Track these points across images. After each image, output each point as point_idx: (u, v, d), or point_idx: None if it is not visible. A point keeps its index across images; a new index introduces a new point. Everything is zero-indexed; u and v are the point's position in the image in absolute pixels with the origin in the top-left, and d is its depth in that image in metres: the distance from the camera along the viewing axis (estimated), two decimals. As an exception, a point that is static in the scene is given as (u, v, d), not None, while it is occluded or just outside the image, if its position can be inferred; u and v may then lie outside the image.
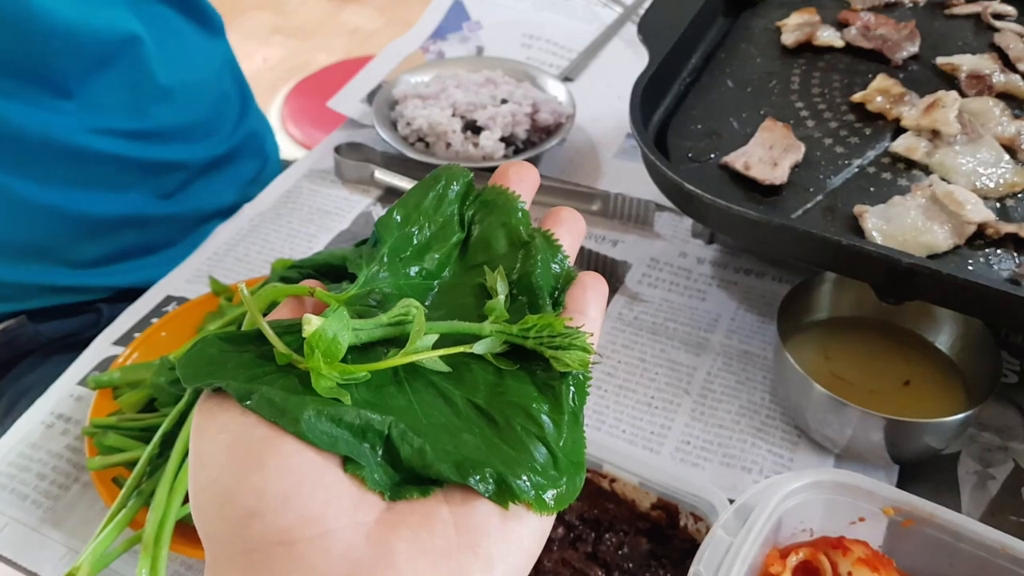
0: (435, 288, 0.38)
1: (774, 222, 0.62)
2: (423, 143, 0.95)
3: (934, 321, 0.71)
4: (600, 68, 1.12)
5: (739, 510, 0.53)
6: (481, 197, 0.40)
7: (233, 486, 0.29)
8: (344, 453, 0.30)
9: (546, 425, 0.32)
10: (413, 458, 0.30)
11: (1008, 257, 0.63)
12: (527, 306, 0.36)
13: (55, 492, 0.67)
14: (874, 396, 0.67)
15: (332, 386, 0.31)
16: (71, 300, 0.93)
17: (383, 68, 1.11)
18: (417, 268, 0.38)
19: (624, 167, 0.96)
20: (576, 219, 0.41)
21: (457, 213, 0.39)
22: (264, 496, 0.28)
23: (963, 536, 0.53)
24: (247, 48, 2.82)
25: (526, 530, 0.30)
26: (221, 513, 0.29)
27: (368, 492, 0.30)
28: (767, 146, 0.71)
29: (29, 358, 0.92)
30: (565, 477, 0.31)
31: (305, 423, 0.30)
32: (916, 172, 0.69)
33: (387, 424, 0.31)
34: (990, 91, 0.75)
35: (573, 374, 0.34)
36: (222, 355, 0.33)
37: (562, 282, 0.38)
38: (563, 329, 0.34)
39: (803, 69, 0.81)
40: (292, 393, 0.31)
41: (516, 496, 0.30)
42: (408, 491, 0.30)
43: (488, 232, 0.39)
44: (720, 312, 0.79)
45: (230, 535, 0.28)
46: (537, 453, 0.31)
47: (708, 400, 0.72)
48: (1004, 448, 0.68)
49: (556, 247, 0.38)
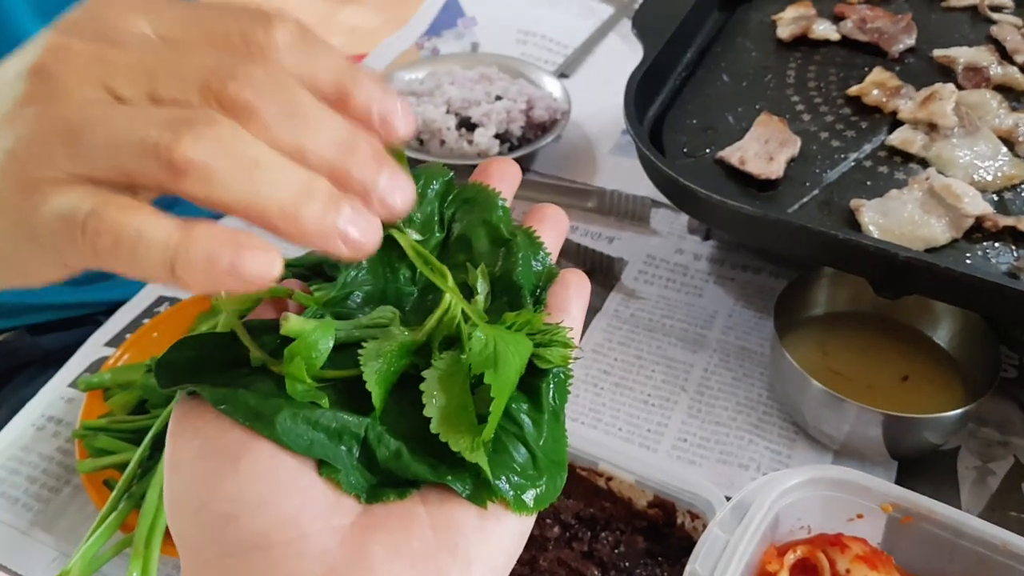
0: (415, 291, 0.37)
1: (770, 217, 0.62)
2: (418, 140, 0.94)
3: (932, 316, 0.70)
4: (596, 64, 1.12)
5: (736, 507, 0.53)
6: (461, 194, 0.39)
7: (208, 491, 0.28)
8: (320, 456, 0.29)
9: (525, 424, 0.32)
10: (390, 460, 0.30)
11: (1006, 250, 0.62)
12: (508, 304, 0.35)
13: (45, 495, 0.66)
14: (872, 392, 0.66)
15: (307, 390, 0.31)
16: (70, 315, 0.92)
17: (377, 65, 1.10)
18: (397, 269, 0.37)
19: (620, 163, 0.95)
20: (559, 216, 0.40)
21: (437, 212, 0.39)
22: (239, 501, 0.28)
23: (962, 532, 0.52)
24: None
25: (505, 530, 0.30)
26: (196, 518, 0.28)
27: (344, 495, 0.29)
28: (763, 140, 0.70)
29: (28, 369, 0.91)
30: (545, 477, 0.31)
31: (280, 426, 0.29)
32: (913, 165, 0.69)
33: (363, 426, 0.30)
34: (987, 83, 0.74)
35: (554, 372, 0.33)
36: (198, 357, 0.32)
37: (544, 280, 0.37)
38: (543, 326, 0.33)
39: (799, 63, 0.81)
40: (268, 396, 0.30)
41: (494, 495, 0.29)
42: (385, 493, 0.30)
43: (469, 230, 0.38)
44: (717, 308, 0.78)
45: (205, 540, 0.28)
46: (516, 453, 0.31)
47: (705, 397, 0.71)
48: (1004, 443, 0.67)
49: (538, 244, 0.37)
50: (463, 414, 0.30)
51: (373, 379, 0.31)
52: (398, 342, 0.32)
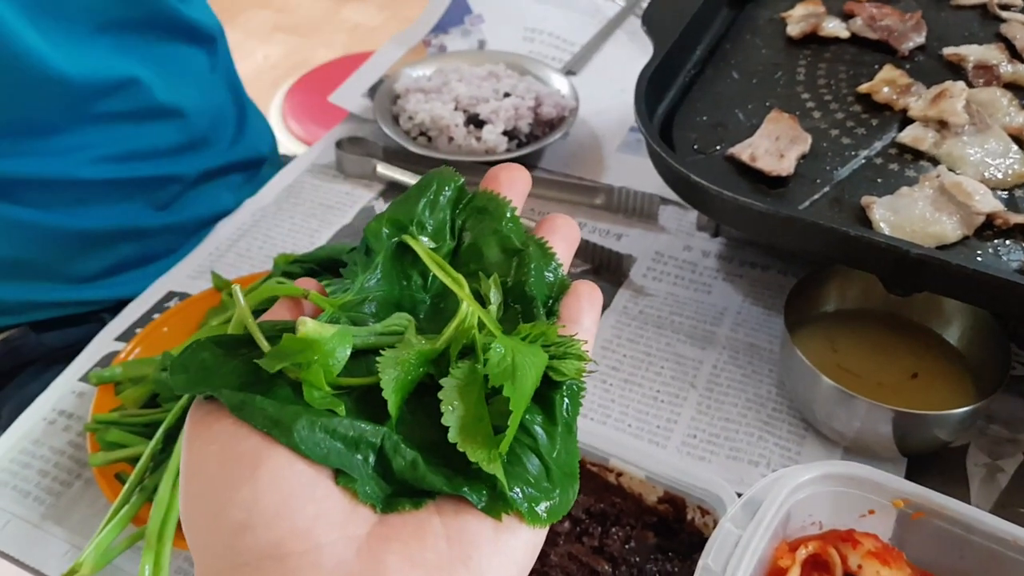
0: (427, 299, 0.37)
1: (781, 213, 0.62)
2: (425, 137, 0.95)
3: (942, 313, 0.70)
4: (603, 61, 1.12)
5: (747, 503, 0.53)
6: (472, 203, 0.39)
7: (224, 498, 0.28)
8: (336, 466, 0.29)
9: (539, 436, 0.32)
10: (406, 470, 0.30)
11: (1017, 248, 0.62)
12: (521, 315, 0.36)
13: (57, 488, 0.66)
14: (882, 389, 0.66)
15: (324, 397, 0.31)
16: (73, 312, 0.92)
17: (384, 62, 1.10)
18: (410, 275, 0.37)
19: (628, 161, 0.96)
20: (571, 226, 0.40)
21: (449, 219, 0.39)
22: (255, 509, 0.28)
23: (974, 528, 0.52)
24: (248, 46, 2.82)
25: (518, 542, 0.30)
26: (211, 525, 0.28)
27: (360, 505, 0.29)
28: (773, 137, 0.70)
29: (32, 367, 0.92)
30: (558, 489, 0.31)
31: (298, 434, 0.29)
32: (924, 163, 0.69)
33: (380, 436, 0.30)
34: (997, 81, 0.74)
35: (567, 384, 0.33)
36: (215, 360, 0.32)
37: (556, 291, 0.37)
38: (557, 338, 0.33)
39: (809, 60, 0.81)
40: (285, 402, 0.30)
41: (509, 507, 0.30)
42: (400, 503, 0.30)
43: (480, 240, 0.38)
44: (726, 305, 0.78)
45: (220, 548, 0.28)
46: (530, 464, 0.31)
47: (714, 393, 0.71)
48: (1013, 440, 0.67)
49: (550, 255, 0.38)
50: (479, 425, 0.30)
51: (390, 387, 0.31)
52: (416, 350, 0.32)
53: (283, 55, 2.83)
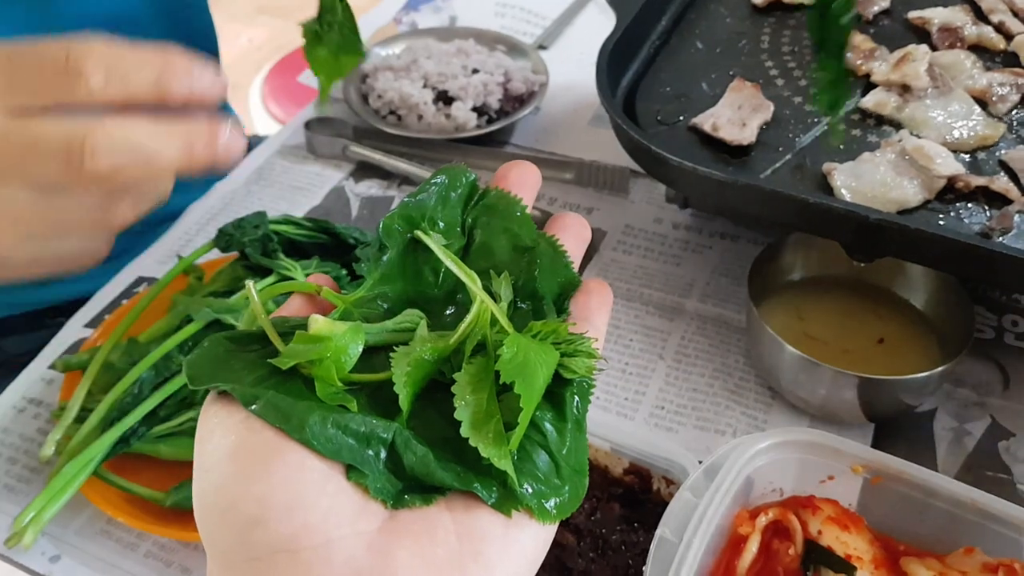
0: (439, 294, 0.37)
1: (740, 182, 0.61)
2: (395, 116, 0.94)
3: (907, 278, 0.70)
4: (574, 35, 1.11)
5: (707, 471, 0.53)
6: (483, 201, 0.39)
7: (236, 493, 0.29)
8: (348, 461, 0.30)
9: (549, 433, 0.32)
10: (417, 466, 0.30)
11: (979, 210, 0.62)
12: (532, 313, 0.36)
13: (27, 476, 0.66)
14: (848, 355, 0.66)
15: (336, 393, 0.31)
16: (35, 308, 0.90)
17: (355, 41, 1.09)
18: (422, 271, 0.38)
19: (599, 134, 0.95)
20: (582, 225, 0.40)
21: (460, 217, 0.39)
22: (267, 504, 0.28)
23: (932, 491, 0.53)
24: (232, 29, 2.79)
25: (528, 538, 0.30)
26: (224, 520, 0.29)
27: (371, 500, 0.29)
28: (735, 106, 0.70)
29: None
30: (568, 485, 0.31)
31: (310, 430, 0.29)
32: (886, 128, 0.68)
33: (392, 431, 0.31)
34: (962, 44, 0.74)
35: (577, 382, 0.33)
36: (228, 355, 0.32)
37: (567, 289, 0.38)
38: (568, 336, 0.33)
39: (773, 28, 0.80)
40: (298, 398, 0.30)
41: (519, 504, 0.30)
42: (411, 499, 0.30)
43: (490, 237, 0.38)
44: (695, 277, 0.78)
45: (233, 542, 0.28)
46: (540, 461, 0.31)
47: (682, 364, 0.71)
48: (981, 404, 0.68)
49: (561, 253, 0.38)
50: (491, 421, 0.30)
51: (402, 382, 0.31)
52: (428, 347, 0.32)
53: (267, 38, 2.81)
